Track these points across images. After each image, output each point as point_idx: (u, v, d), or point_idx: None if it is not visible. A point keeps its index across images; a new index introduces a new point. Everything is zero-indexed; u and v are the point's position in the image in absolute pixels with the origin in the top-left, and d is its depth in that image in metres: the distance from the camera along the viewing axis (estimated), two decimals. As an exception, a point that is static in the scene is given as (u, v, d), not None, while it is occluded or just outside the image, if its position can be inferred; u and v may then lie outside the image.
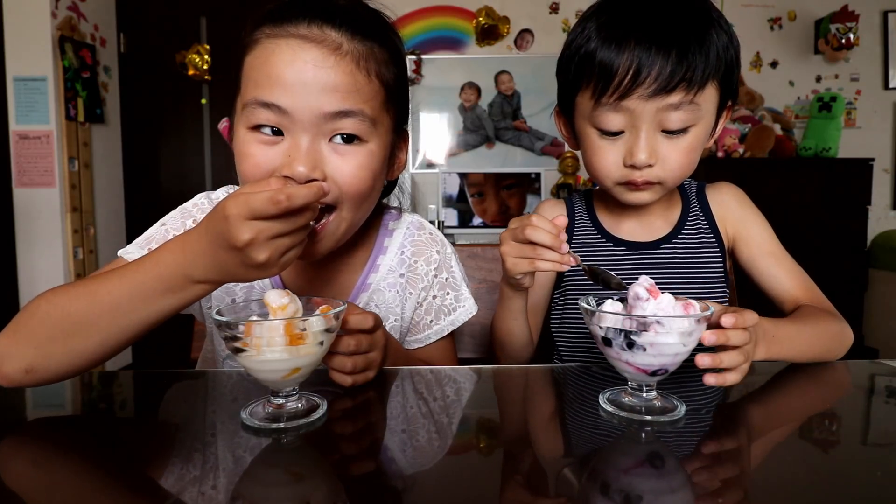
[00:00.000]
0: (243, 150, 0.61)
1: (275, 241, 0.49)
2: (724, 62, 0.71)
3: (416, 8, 3.30)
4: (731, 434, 0.52)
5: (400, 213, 0.86)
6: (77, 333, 0.54)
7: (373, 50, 0.62)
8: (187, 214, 0.78)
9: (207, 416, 0.55)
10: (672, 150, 0.72)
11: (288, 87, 0.58)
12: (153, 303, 0.53)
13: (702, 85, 0.69)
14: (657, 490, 0.41)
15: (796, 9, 3.31)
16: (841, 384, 0.68)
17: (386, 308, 0.80)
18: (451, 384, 0.64)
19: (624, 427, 0.51)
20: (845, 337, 0.74)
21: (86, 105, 2.82)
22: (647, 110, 0.70)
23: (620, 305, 0.58)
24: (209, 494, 0.39)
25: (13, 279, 2.76)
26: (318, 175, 0.59)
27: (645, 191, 0.76)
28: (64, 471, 0.46)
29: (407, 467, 0.45)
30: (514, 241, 0.66)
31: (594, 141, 0.76)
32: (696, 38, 0.68)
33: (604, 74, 0.70)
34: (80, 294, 0.54)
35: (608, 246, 0.86)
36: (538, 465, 0.46)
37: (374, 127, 0.63)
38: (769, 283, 0.83)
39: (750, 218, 0.86)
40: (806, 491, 0.41)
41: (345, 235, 0.67)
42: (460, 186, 3.24)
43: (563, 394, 0.64)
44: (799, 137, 3.18)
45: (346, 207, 0.64)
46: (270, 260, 0.49)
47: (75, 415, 0.59)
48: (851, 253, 2.96)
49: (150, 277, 0.53)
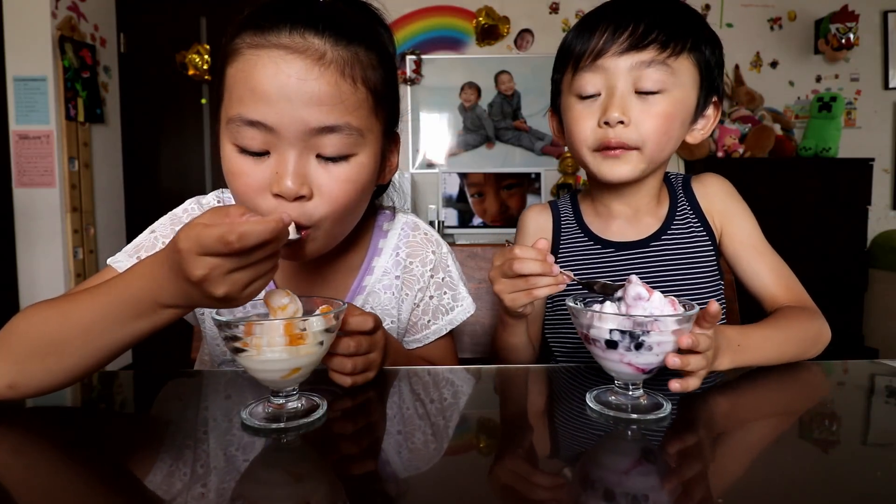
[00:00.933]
0: (232, 168, 0.60)
1: (232, 276, 0.46)
2: (702, 48, 0.75)
3: (416, 8, 3.30)
4: (723, 433, 0.52)
5: (394, 213, 0.85)
6: (52, 353, 0.53)
7: (358, 55, 0.60)
8: (177, 221, 0.77)
9: (207, 417, 0.55)
10: (646, 113, 0.73)
11: (272, 102, 0.56)
12: (124, 326, 0.52)
13: (675, 51, 0.72)
14: (650, 488, 0.41)
15: (796, 9, 3.31)
16: (841, 384, 0.68)
17: (382, 310, 0.79)
18: (451, 385, 0.64)
19: (612, 426, 0.52)
20: (821, 336, 0.74)
21: (86, 105, 2.82)
22: (620, 68, 0.73)
23: (614, 307, 0.58)
24: (209, 494, 0.39)
25: (13, 279, 2.76)
26: (306, 191, 0.58)
27: (621, 159, 0.75)
28: (63, 471, 0.46)
29: (407, 467, 0.45)
30: (504, 279, 0.66)
31: (573, 107, 0.78)
32: (671, 14, 0.74)
33: (582, 44, 0.75)
34: (54, 315, 0.54)
35: (597, 248, 0.86)
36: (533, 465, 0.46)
37: (363, 137, 0.61)
38: (749, 279, 0.83)
39: (735, 211, 0.85)
40: (805, 491, 0.41)
41: (331, 242, 0.67)
42: (460, 186, 3.24)
43: (549, 393, 0.64)
44: (799, 137, 3.18)
45: (331, 221, 0.62)
46: (230, 294, 0.47)
47: (74, 415, 0.59)
48: (851, 253, 2.97)
49: (120, 301, 0.52)
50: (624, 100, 0.73)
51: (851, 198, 2.94)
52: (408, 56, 3.30)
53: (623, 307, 0.57)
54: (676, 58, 0.72)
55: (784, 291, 0.80)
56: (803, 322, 0.74)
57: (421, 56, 3.32)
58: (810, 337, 0.73)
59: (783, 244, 0.84)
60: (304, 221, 0.60)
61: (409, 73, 3.31)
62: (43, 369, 0.54)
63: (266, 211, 0.59)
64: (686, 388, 0.56)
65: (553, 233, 0.90)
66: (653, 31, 0.71)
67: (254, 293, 0.49)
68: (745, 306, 0.97)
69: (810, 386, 0.67)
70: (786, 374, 0.68)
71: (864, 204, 2.95)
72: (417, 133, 3.38)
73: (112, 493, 0.41)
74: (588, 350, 0.57)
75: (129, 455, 0.47)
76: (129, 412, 0.60)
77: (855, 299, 2.99)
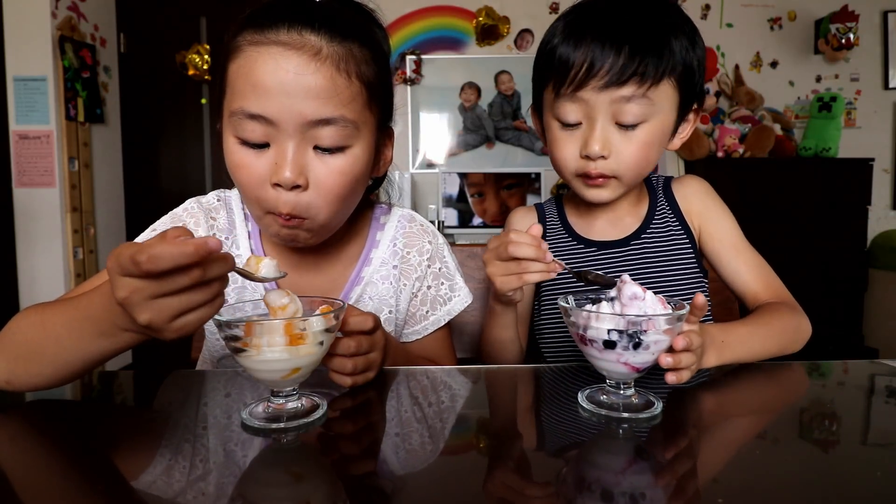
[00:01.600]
0: (235, 160, 0.64)
1: (157, 303, 0.44)
2: (683, 63, 0.74)
3: (416, 8, 3.30)
4: (719, 432, 0.52)
5: (390, 207, 0.88)
6: (32, 359, 0.56)
7: (352, 51, 0.63)
8: (177, 220, 0.78)
9: (207, 416, 0.55)
10: (626, 144, 0.74)
11: (272, 96, 0.60)
12: (89, 343, 0.53)
13: (655, 81, 0.71)
14: (643, 486, 0.41)
15: (796, 9, 3.31)
16: (841, 384, 0.68)
17: (380, 300, 0.81)
18: (447, 386, 0.64)
19: (604, 425, 0.52)
20: (802, 330, 0.76)
21: (86, 105, 2.82)
22: (600, 102, 0.73)
23: (610, 307, 0.58)
24: (209, 494, 0.39)
25: (13, 279, 2.76)
26: (302, 181, 0.62)
27: (602, 187, 0.78)
28: (62, 471, 0.46)
29: (405, 468, 0.45)
30: (498, 261, 0.67)
31: (555, 132, 0.78)
32: (650, 38, 0.72)
33: (562, 68, 0.74)
34: (37, 321, 0.56)
35: (579, 248, 0.88)
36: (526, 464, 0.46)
37: (357, 129, 0.65)
38: (730, 278, 0.85)
39: (713, 211, 0.87)
40: (804, 491, 0.41)
41: (325, 232, 0.70)
42: (460, 186, 3.24)
43: (542, 393, 0.64)
44: (799, 137, 3.18)
45: (325, 211, 0.66)
46: (154, 322, 0.44)
47: (74, 414, 0.59)
48: (851, 253, 2.96)
49: (84, 318, 0.52)
50: (605, 132, 0.74)
51: (851, 198, 2.94)
52: (408, 56, 3.30)
53: (618, 307, 0.57)
54: (657, 87, 0.72)
55: (764, 288, 0.82)
56: (784, 317, 0.75)
57: (421, 56, 3.32)
58: (790, 331, 0.75)
59: (783, 244, 0.85)
60: (299, 211, 0.64)
61: (409, 73, 3.31)
62: (26, 371, 0.56)
63: (267, 200, 0.63)
64: (680, 380, 0.57)
65: None
66: (633, 63, 0.70)
67: (188, 326, 0.46)
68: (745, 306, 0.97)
69: (809, 386, 0.67)
70: (785, 373, 0.68)
71: (864, 204, 2.95)
72: (417, 133, 3.38)
73: (112, 492, 0.41)
74: (580, 351, 0.57)
75: (129, 455, 0.47)
76: (129, 412, 0.60)
77: (855, 299, 2.99)
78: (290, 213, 0.64)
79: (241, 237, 0.80)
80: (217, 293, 0.47)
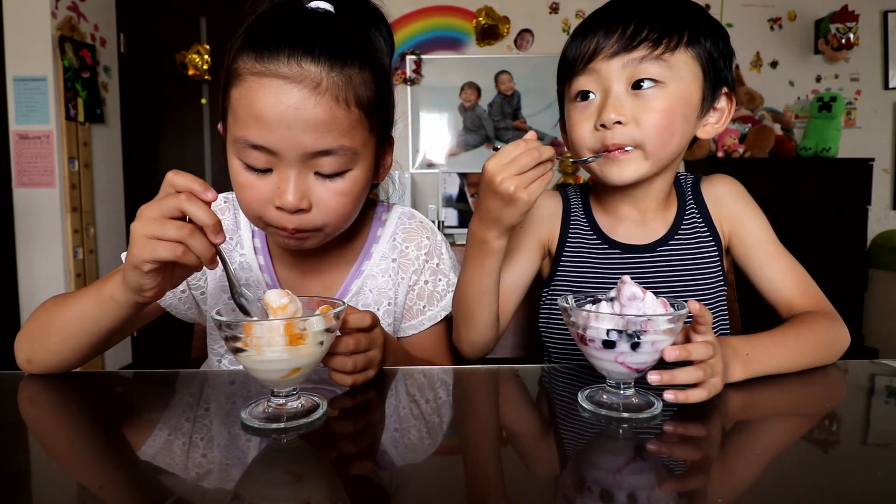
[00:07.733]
0: (239, 181, 0.67)
1: (152, 219, 0.58)
2: (699, 37, 0.73)
3: (416, 8, 3.30)
4: (719, 432, 0.52)
5: (391, 205, 0.89)
6: (45, 333, 0.66)
7: (352, 78, 0.64)
8: None
9: (207, 416, 0.55)
10: (642, 109, 0.71)
11: (273, 129, 0.62)
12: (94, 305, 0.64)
13: (669, 47, 0.71)
14: (643, 486, 0.41)
15: (796, 9, 3.31)
16: (841, 384, 0.68)
17: (379, 292, 0.82)
18: (446, 385, 0.65)
19: (604, 424, 0.52)
20: (839, 341, 0.71)
21: (86, 105, 2.82)
22: (613, 68, 0.72)
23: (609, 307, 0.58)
24: (209, 494, 0.39)
25: (13, 279, 2.76)
26: (305, 204, 0.65)
27: (624, 161, 0.73)
28: (62, 470, 0.46)
29: (405, 467, 0.45)
30: (516, 177, 0.62)
31: (571, 113, 0.77)
32: (660, 10, 0.72)
33: (575, 48, 0.75)
34: (52, 304, 0.68)
35: (603, 248, 0.84)
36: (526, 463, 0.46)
37: (357, 154, 0.67)
38: (763, 284, 0.80)
39: (745, 213, 0.83)
40: (804, 491, 0.41)
41: (330, 237, 0.73)
42: (460, 186, 3.24)
43: (542, 393, 0.64)
44: (799, 137, 3.18)
45: (330, 226, 0.70)
46: (137, 231, 0.57)
47: (74, 414, 0.59)
48: (851, 253, 2.96)
49: (93, 288, 0.65)
50: (619, 100, 0.72)
51: (851, 198, 2.94)
52: (408, 56, 3.30)
53: (617, 307, 0.57)
54: (672, 53, 0.71)
55: (800, 295, 0.77)
56: (818, 327, 0.70)
57: (421, 56, 3.31)
58: (825, 343, 0.70)
59: (783, 244, 0.84)
60: (304, 227, 0.67)
61: (409, 73, 3.31)
62: (46, 349, 0.66)
63: (271, 220, 0.67)
64: (686, 400, 0.54)
65: (562, 220, 0.88)
66: (643, 30, 0.70)
67: (158, 249, 0.55)
68: (746, 306, 0.97)
69: (809, 386, 0.67)
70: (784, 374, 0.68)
71: (863, 204, 2.95)
72: (417, 133, 3.38)
73: (112, 492, 0.41)
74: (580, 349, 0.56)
75: (129, 454, 0.47)
76: (129, 411, 0.60)
77: (855, 299, 2.99)
78: (295, 229, 0.67)
79: (245, 237, 0.81)
80: (190, 234, 0.55)
